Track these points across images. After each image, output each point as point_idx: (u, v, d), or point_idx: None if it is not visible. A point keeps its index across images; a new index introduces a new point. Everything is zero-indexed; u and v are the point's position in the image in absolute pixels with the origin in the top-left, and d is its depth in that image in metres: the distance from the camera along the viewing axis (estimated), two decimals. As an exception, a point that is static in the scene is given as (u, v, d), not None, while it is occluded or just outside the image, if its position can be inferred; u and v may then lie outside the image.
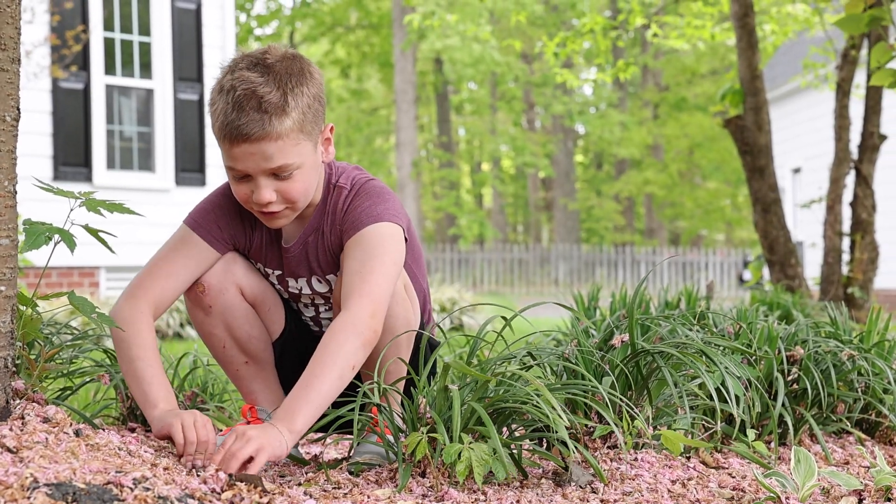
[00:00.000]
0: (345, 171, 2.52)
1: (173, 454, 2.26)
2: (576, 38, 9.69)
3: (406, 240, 2.45)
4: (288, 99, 2.29)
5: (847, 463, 2.74)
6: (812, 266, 15.05)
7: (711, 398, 2.59)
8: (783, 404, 2.80)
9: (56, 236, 2.28)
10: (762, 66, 7.19)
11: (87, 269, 9.92)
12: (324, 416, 2.59)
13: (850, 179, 7.14)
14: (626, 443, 2.38)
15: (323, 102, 2.40)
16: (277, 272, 2.56)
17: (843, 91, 7.10)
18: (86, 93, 9.94)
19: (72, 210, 2.35)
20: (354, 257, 2.36)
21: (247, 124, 2.27)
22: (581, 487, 2.20)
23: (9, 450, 1.97)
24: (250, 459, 2.09)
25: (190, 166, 10.53)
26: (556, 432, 2.13)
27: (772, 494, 2.20)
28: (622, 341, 2.54)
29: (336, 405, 2.36)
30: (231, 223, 2.51)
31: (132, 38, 10.36)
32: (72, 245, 2.29)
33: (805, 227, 16.50)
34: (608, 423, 2.38)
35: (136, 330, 2.37)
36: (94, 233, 2.38)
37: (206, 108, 2.40)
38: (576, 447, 2.25)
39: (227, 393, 3.17)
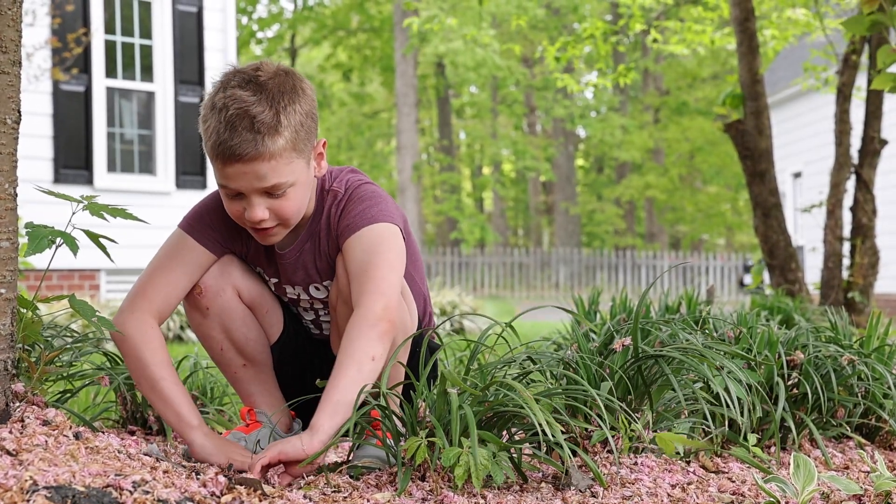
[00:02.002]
0: (339, 176, 2.50)
1: (173, 458, 2.26)
2: (576, 43, 9.70)
3: (403, 239, 2.45)
4: (280, 118, 2.28)
5: (847, 468, 2.74)
6: (812, 270, 15.04)
7: (712, 402, 2.59)
8: (783, 409, 2.80)
9: (59, 240, 2.29)
10: (763, 70, 7.19)
11: (88, 272, 9.92)
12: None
13: (851, 184, 7.14)
14: (622, 448, 2.38)
15: (315, 118, 2.38)
16: (274, 280, 2.56)
17: (843, 96, 7.11)
18: (87, 95, 9.95)
19: (73, 214, 2.35)
20: (355, 258, 2.35)
21: (239, 144, 2.25)
22: (581, 491, 2.20)
23: (8, 452, 1.97)
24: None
25: (191, 169, 10.54)
26: (554, 437, 2.13)
27: (772, 499, 2.20)
28: (623, 345, 2.54)
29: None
30: (226, 227, 2.51)
31: (133, 41, 10.37)
32: (74, 248, 2.29)
33: (806, 231, 16.50)
34: (608, 428, 2.38)
35: (150, 347, 2.38)
36: (94, 238, 2.38)
37: (199, 124, 2.37)
38: (575, 452, 2.25)
39: (228, 396, 3.17)
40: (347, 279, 2.38)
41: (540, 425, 2.11)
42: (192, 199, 10.12)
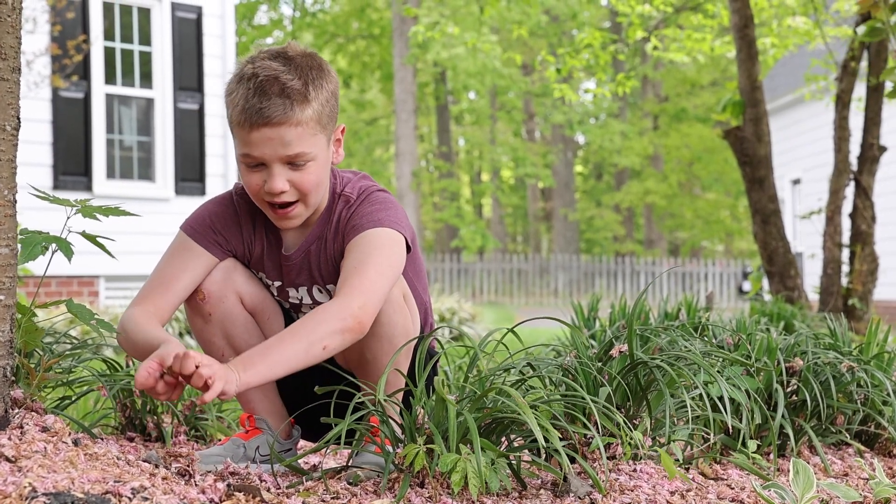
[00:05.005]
0: (350, 181, 2.52)
1: (171, 464, 2.25)
2: (575, 53, 9.71)
3: (409, 249, 2.45)
4: (309, 88, 2.33)
5: (846, 475, 2.74)
6: (811, 277, 15.05)
7: (703, 409, 2.59)
8: (782, 415, 2.80)
9: (53, 245, 2.29)
10: (762, 77, 7.19)
11: (87, 279, 9.92)
12: (325, 425, 2.59)
13: (850, 191, 7.14)
14: (622, 455, 2.38)
15: (338, 101, 2.43)
16: (277, 283, 2.56)
17: (842, 103, 7.11)
18: (86, 102, 9.95)
19: (68, 218, 2.35)
20: (352, 256, 2.36)
21: (269, 107, 2.29)
22: (580, 498, 2.20)
23: (7, 459, 1.97)
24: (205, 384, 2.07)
25: (190, 176, 10.54)
26: (552, 443, 2.13)
27: (771, 506, 2.20)
28: (620, 351, 2.54)
29: (335, 414, 2.35)
30: (228, 229, 2.51)
31: (132, 48, 10.38)
32: (69, 253, 2.29)
33: (805, 238, 16.51)
34: (607, 435, 2.38)
35: (139, 321, 2.36)
36: (92, 238, 2.37)
37: (224, 99, 2.40)
38: (574, 458, 2.25)
39: (227, 402, 3.17)
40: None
41: (536, 432, 2.11)
42: (191, 205, 10.13)
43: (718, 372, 2.63)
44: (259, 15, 31.83)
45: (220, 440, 2.68)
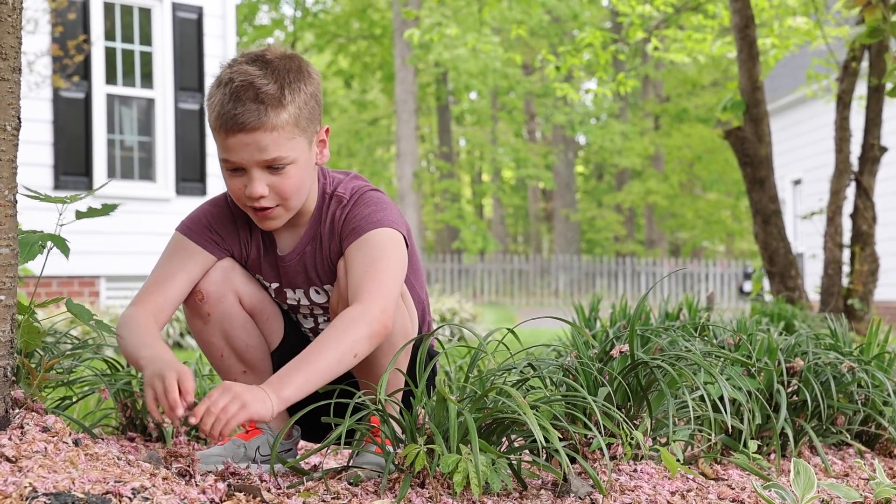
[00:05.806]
0: (342, 182, 2.52)
1: (172, 464, 2.26)
2: (575, 52, 9.70)
3: (407, 245, 2.45)
4: (285, 92, 2.32)
5: (847, 475, 2.74)
6: (812, 277, 15.04)
7: (712, 409, 2.59)
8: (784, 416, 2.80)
9: (50, 243, 2.29)
10: (763, 77, 7.19)
11: (88, 279, 9.92)
12: (325, 425, 2.59)
13: (851, 191, 7.14)
14: (623, 456, 2.38)
15: (319, 103, 2.42)
16: (275, 284, 2.56)
17: (843, 103, 7.11)
18: (87, 102, 9.95)
19: (60, 215, 2.35)
20: (358, 260, 2.36)
21: (243, 114, 2.29)
22: (580, 498, 2.20)
23: (8, 459, 1.97)
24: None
25: (191, 176, 10.54)
26: (552, 443, 2.13)
27: (771, 506, 2.20)
28: (621, 352, 2.54)
29: (335, 415, 2.35)
30: (224, 229, 2.52)
31: (133, 48, 10.38)
32: (65, 250, 2.29)
33: (805, 238, 16.50)
34: (608, 435, 2.38)
35: (136, 323, 2.37)
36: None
37: (206, 103, 2.41)
38: (574, 459, 2.25)
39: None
40: (347, 282, 2.38)
41: (536, 432, 2.10)
42: (191, 205, 10.12)
43: (719, 372, 2.63)
44: (260, 15, 31.83)
45: (221, 441, 2.68)
